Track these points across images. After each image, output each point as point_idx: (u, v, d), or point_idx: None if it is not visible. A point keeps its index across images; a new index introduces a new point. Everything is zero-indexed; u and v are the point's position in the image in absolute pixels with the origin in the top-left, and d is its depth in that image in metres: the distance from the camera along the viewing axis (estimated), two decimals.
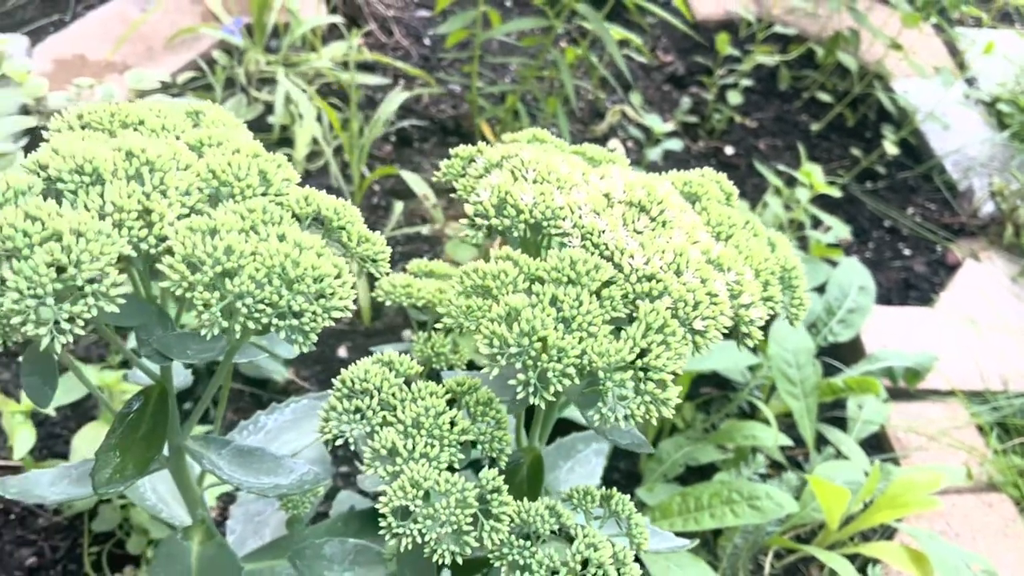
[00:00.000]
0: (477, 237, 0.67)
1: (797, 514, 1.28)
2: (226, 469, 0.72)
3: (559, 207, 0.65)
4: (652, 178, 0.72)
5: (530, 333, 0.56)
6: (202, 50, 2.01)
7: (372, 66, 2.10)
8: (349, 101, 1.86)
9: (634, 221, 0.65)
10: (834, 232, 1.86)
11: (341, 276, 0.54)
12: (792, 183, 1.97)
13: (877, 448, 1.54)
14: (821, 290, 1.65)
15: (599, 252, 0.62)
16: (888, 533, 1.41)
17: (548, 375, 0.56)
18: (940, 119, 2.14)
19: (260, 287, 0.51)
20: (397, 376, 0.64)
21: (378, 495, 0.59)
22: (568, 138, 1.68)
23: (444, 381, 0.66)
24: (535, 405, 0.64)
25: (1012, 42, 2.40)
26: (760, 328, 0.67)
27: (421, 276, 0.98)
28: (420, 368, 0.67)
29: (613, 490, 0.67)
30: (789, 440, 1.39)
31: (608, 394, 0.56)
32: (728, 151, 2.15)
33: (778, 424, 1.39)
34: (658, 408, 0.57)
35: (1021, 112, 2.20)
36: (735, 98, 2.18)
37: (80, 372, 0.70)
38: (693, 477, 1.40)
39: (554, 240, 0.67)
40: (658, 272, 0.61)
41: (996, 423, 1.58)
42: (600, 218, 0.64)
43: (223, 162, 0.58)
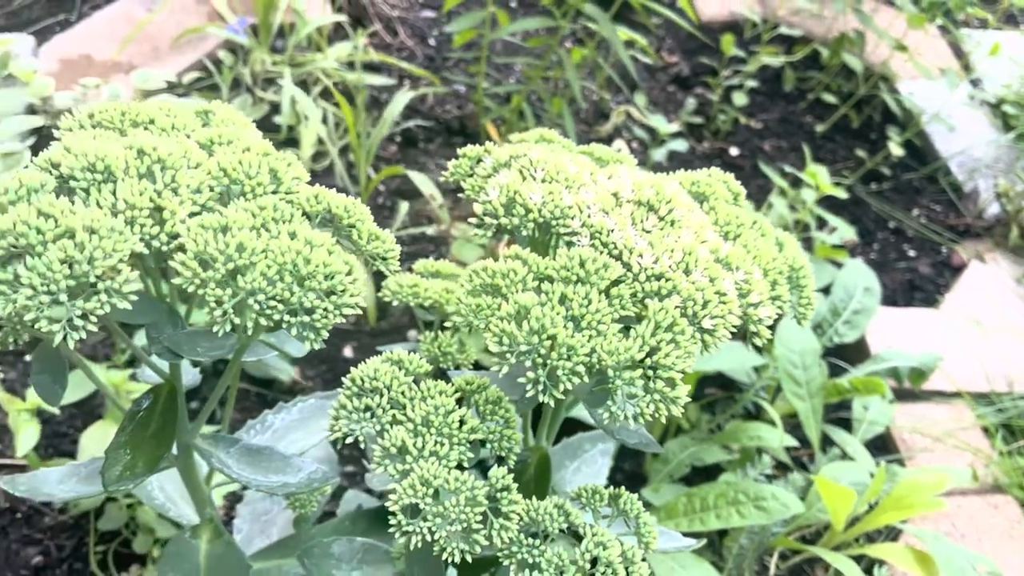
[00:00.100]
0: (486, 236, 0.67)
1: (802, 515, 1.28)
2: (235, 468, 0.72)
3: (568, 206, 0.65)
4: (660, 178, 0.72)
5: (540, 331, 0.56)
6: (208, 50, 2.01)
7: (377, 66, 2.10)
8: (355, 101, 1.86)
9: (643, 220, 0.65)
10: (839, 233, 1.85)
11: (352, 273, 0.55)
12: (797, 184, 1.97)
13: (882, 449, 1.53)
14: (826, 291, 1.65)
15: (608, 251, 0.63)
16: (893, 534, 1.41)
17: (558, 373, 0.56)
18: (945, 120, 2.14)
19: (272, 284, 0.52)
20: (407, 375, 0.64)
21: (386, 494, 0.59)
22: (574, 138, 1.69)
23: (453, 380, 0.66)
24: (542, 404, 0.64)
25: (1018, 43, 2.40)
26: (767, 328, 0.67)
27: (427, 276, 0.98)
28: (429, 367, 0.67)
29: (621, 489, 0.67)
30: (794, 441, 1.39)
31: (617, 392, 0.57)
32: (733, 152, 2.15)
33: (783, 425, 1.39)
34: (667, 406, 0.57)
35: None
36: (740, 99, 2.18)
37: (89, 370, 0.71)
38: (698, 478, 1.40)
39: (562, 239, 0.67)
40: (667, 271, 0.61)
41: (1001, 424, 1.58)
42: (609, 217, 0.65)
43: (234, 160, 0.58)
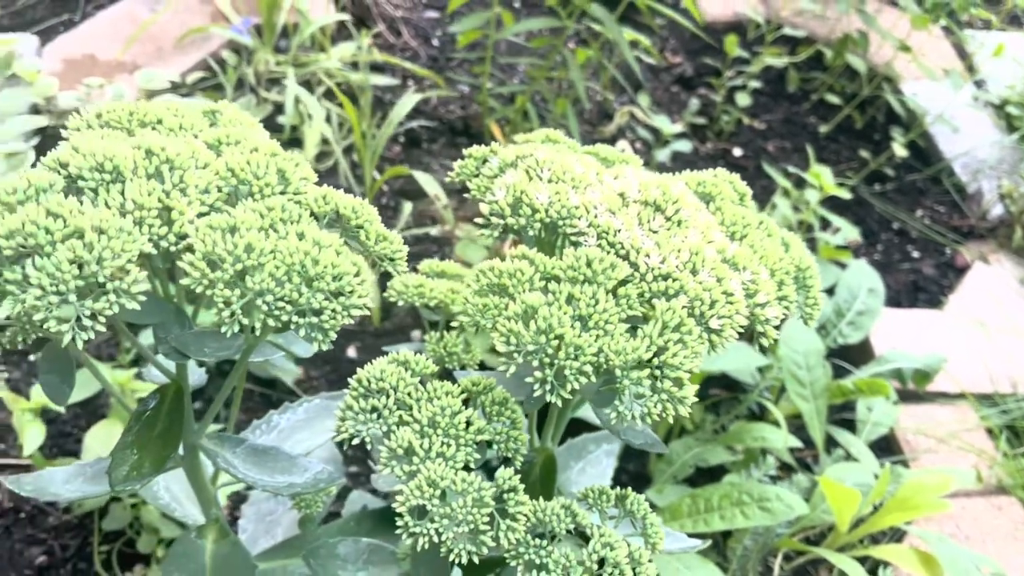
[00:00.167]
0: (492, 236, 0.67)
1: (806, 516, 1.28)
2: (241, 468, 0.72)
3: (574, 206, 0.65)
4: (666, 178, 0.72)
5: (547, 331, 0.56)
6: (211, 50, 2.01)
7: (381, 67, 2.10)
8: (358, 102, 1.86)
9: (649, 220, 0.65)
10: (842, 234, 1.85)
11: (360, 274, 0.55)
12: (801, 185, 1.97)
13: (886, 450, 1.53)
14: (830, 292, 1.64)
15: (615, 251, 0.62)
16: (897, 536, 1.41)
17: (565, 373, 0.56)
18: (949, 122, 2.14)
19: (280, 285, 0.52)
20: (413, 375, 0.64)
21: (391, 494, 0.59)
22: (578, 139, 1.69)
23: (459, 381, 0.66)
24: (548, 405, 0.64)
25: (1021, 45, 2.40)
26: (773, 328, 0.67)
27: (433, 276, 0.98)
28: (435, 368, 0.67)
29: (628, 490, 0.67)
30: (798, 442, 1.39)
31: (625, 392, 0.56)
32: (736, 152, 2.15)
33: (787, 426, 1.39)
34: (675, 406, 0.57)
35: None
36: (744, 100, 2.18)
37: (96, 369, 0.71)
38: (702, 479, 1.40)
39: (568, 240, 0.67)
40: (674, 271, 0.61)
41: (1005, 426, 1.58)
42: (615, 217, 0.65)
43: (242, 160, 0.58)
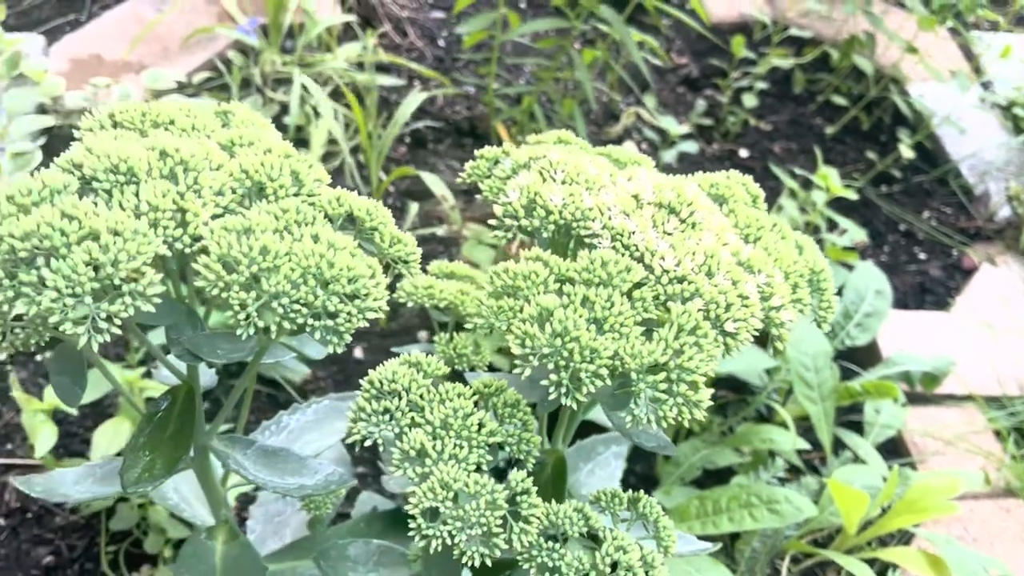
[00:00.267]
0: (505, 238, 0.67)
1: (814, 518, 1.28)
2: (251, 469, 0.72)
3: (588, 208, 0.64)
4: (680, 180, 0.72)
5: (563, 334, 0.56)
6: (218, 50, 2.01)
7: (387, 67, 2.10)
8: (364, 102, 1.86)
9: (664, 223, 0.65)
10: (849, 235, 1.85)
11: (375, 277, 0.54)
12: (807, 186, 1.97)
13: (894, 452, 1.53)
14: (838, 294, 1.64)
15: (629, 253, 0.62)
16: (905, 538, 1.40)
17: (580, 376, 0.56)
18: (956, 123, 2.14)
19: (295, 287, 0.51)
20: (425, 377, 0.64)
21: (401, 496, 0.59)
22: (585, 140, 1.69)
23: (471, 382, 0.66)
24: (559, 407, 0.63)
25: None
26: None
27: (442, 277, 0.98)
28: (447, 369, 0.67)
29: (640, 493, 0.66)
30: (806, 444, 1.39)
31: (640, 396, 0.56)
32: (743, 154, 2.14)
33: (794, 427, 1.39)
34: (690, 410, 0.57)
35: None
36: (750, 101, 2.18)
37: (107, 370, 0.71)
38: (710, 480, 1.39)
39: (582, 242, 0.67)
40: (689, 274, 0.61)
41: (1013, 428, 1.57)
42: (630, 219, 0.64)
43: (256, 162, 0.58)
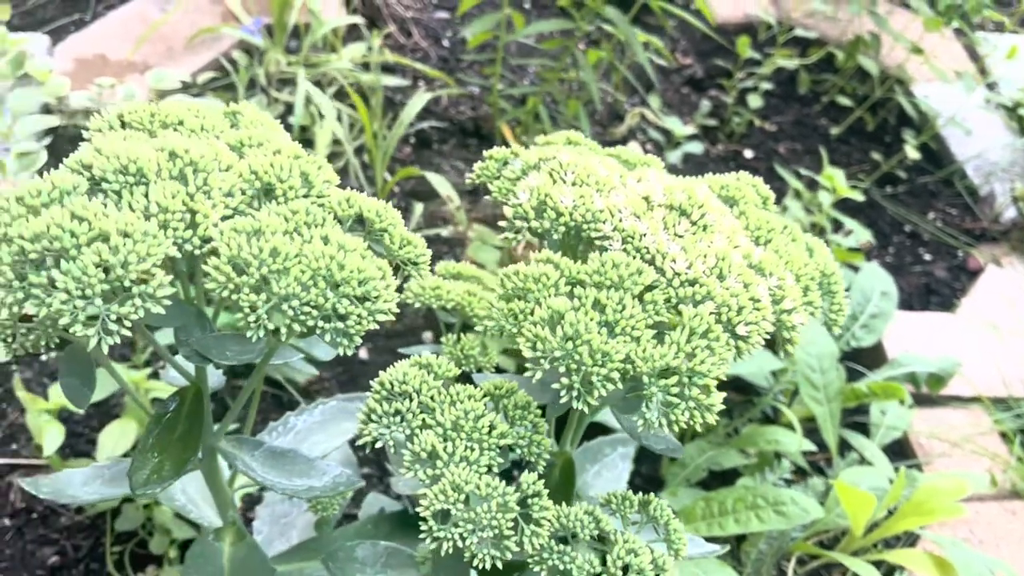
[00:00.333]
0: (515, 240, 0.66)
1: (821, 520, 1.28)
2: (259, 471, 0.72)
3: (599, 210, 0.64)
4: (690, 181, 0.72)
5: (574, 337, 0.56)
6: (222, 50, 2.01)
7: (391, 67, 2.10)
8: (369, 102, 1.85)
9: (675, 225, 0.65)
10: (855, 236, 1.84)
11: (385, 279, 0.54)
12: (812, 187, 1.96)
13: (899, 454, 1.52)
14: None
15: (640, 256, 0.62)
16: (911, 540, 1.40)
17: (592, 380, 0.55)
18: (961, 124, 2.13)
19: (306, 289, 0.51)
20: (436, 379, 0.64)
21: (409, 497, 0.59)
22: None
23: (481, 384, 0.66)
24: (569, 409, 0.63)
25: None
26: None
27: (449, 278, 0.98)
28: (457, 371, 0.66)
29: (651, 495, 0.66)
30: (812, 445, 1.38)
31: (652, 399, 0.56)
32: (748, 154, 2.14)
33: (800, 429, 1.38)
34: (702, 414, 0.56)
35: None
36: (755, 101, 2.17)
37: (114, 371, 0.70)
38: (715, 482, 1.39)
39: (592, 244, 0.66)
40: (701, 276, 0.61)
41: (1019, 430, 1.57)
42: (641, 221, 0.64)
43: (265, 163, 0.58)
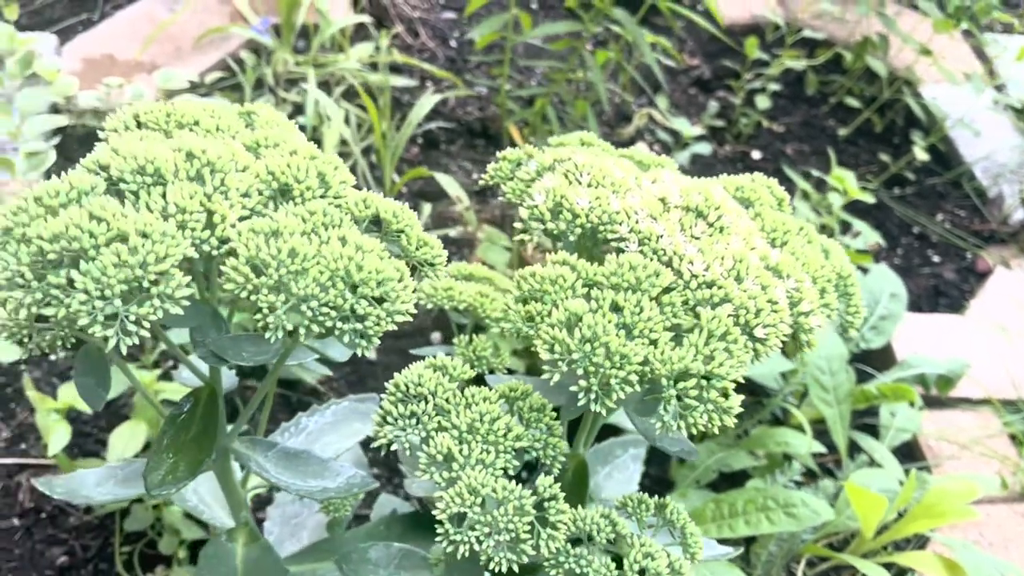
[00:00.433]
0: (530, 241, 0.66)
1: (831, 522, 1.27)
2: (273, 472, 0.72)
3: (615, 211, 0.64)
4: (706, 182, 0.72)
5: (592, 339, 0.56)
6: (230, 50, 2.01)
7: (399, 67, 2.10)
8: (377, 103, 1.85)
9: (691, 226, 0.65)
10: (863, 238, 1.84)
11: (403, 280, 0.54)
12: (820, 188, 1.96)
13: (908, 456, 1.52)
14: None
15: (657, 257, 0.62)
16: (920, 542, 1.40)
17: (611, 382, 0.55)
18: (970, 125, 2.12)
19: (324, 290, 0.51)
20: (451, 381, 0.64)
21: (422, 499, 0.59)
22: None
23: (496, 386, 0.66)
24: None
25: None
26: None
27: (460, 279, 0.98)
28: (472, 373, 0.66)
29: (667, 498, 0.66)
30: (821, 447, 1.38)
31: (671, 402, 0.56)
32: (755, 155, 2.14)
33: (810, 430, 1.38)
34: (720, 417, 0.56)
35: None
36: (763, 102, 2.17)
37: (128, 371, 0.70)
38: (724, 484, 1.38)
39: (604, 246, 0.66)
40: (718, 278, 0.60)
41: None
42: (657, 223, 0.64)
43: (282, 163, 0.58)
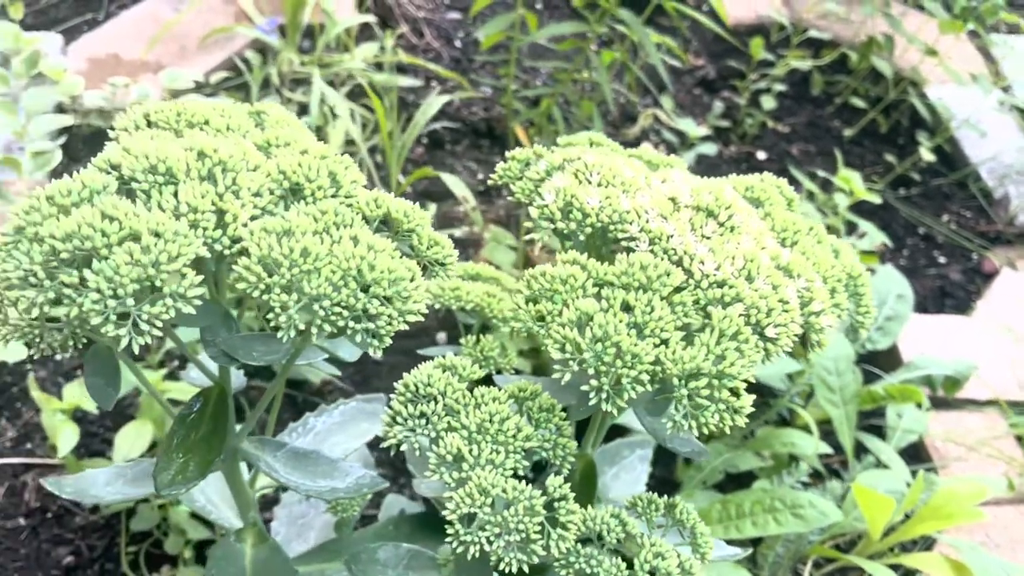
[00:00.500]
0: (542, 240, 0.66)
1: (838, 523, 1.27)
2: (282, 472, 0.72)
3: (626, 211, 0.64)
4: (716, 182, 0.72)
5: (603, 339, 0.56)
6: (235, 50, 2.01)
7: (404, 67, 2.10)
8: (383, 103, 1.85)
9: (702, 226, 0.64)
10: (869, 238, 1.84)
11: (415, 279, 0.54)
12: (826, 188, 1.96)
13: (915, 457, 1.52)
14: None
15: (668, 257, 0.62)
16: (927, 544, 1.39)
17: (622, 382, 0.55)
18: (976, 126, 2.12)
19: (337, 290, 0.51)
20: (460, 381, 0.64)
21: (430, 499, 0.59)
22: None
23: (505, 386, 0.65)
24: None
25: None
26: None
27: (467, 279, 0.98)
28: (482, 373, 0.66)
29: (677, 499, 0.66)
30: (827, 448, 1.38)
31: (682, 402, 0.56)
32: (760, 156, 2.13)
33: (816, 431, 1.38)
34: (732, 416, 0.56)
35: None
36: (768, 102, 2.17)
37: (138, 371, 0.70)
38: (731, 485, 1.38)
39: (614, 245, 0.66)
40: (729, 278, 0.60)
41: None
42: (667, 222, 0.64)
43: (293, 163, 0.58)
